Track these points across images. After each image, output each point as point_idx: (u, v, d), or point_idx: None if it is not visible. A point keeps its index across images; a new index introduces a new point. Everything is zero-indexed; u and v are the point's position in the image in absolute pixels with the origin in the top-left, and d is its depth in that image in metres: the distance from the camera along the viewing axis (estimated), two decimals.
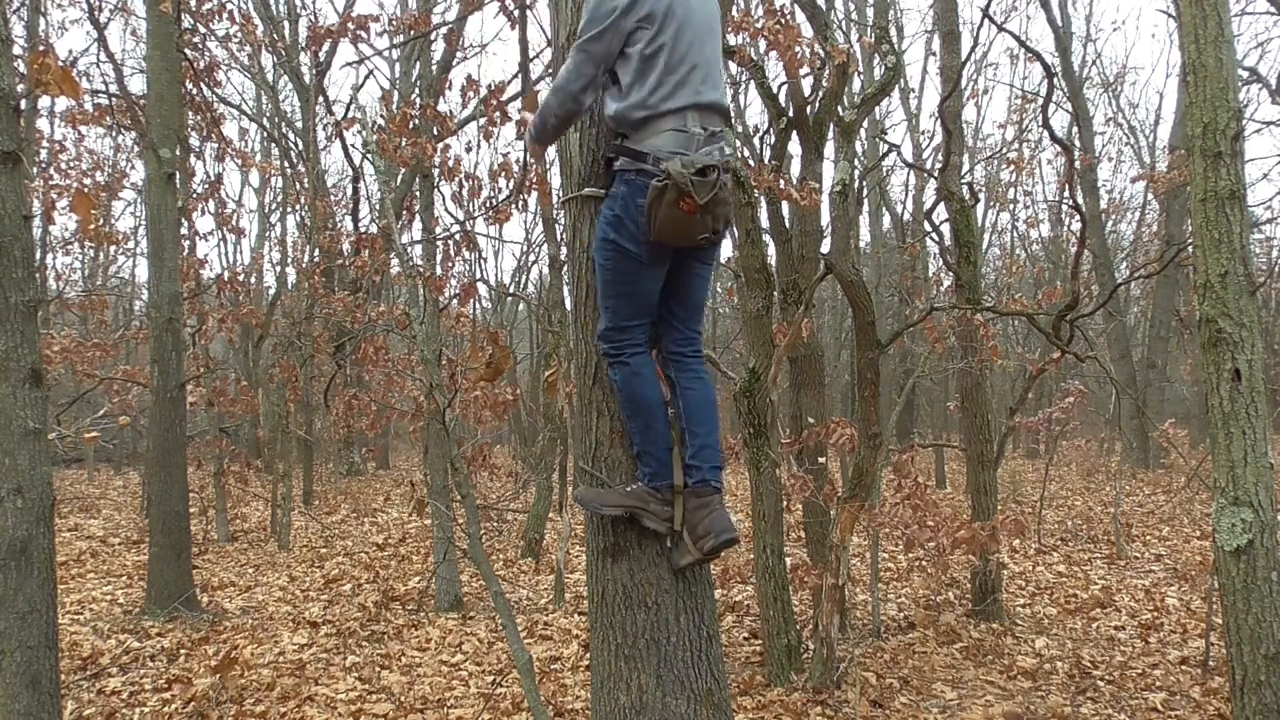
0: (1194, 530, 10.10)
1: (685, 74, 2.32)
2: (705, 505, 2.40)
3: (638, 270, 2.37)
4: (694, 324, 2.58)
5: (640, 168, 2.30)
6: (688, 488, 2.43)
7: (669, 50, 2.30)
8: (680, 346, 2.54)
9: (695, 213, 2.22)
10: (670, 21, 2.31)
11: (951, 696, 5.17)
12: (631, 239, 2.32)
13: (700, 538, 2.37)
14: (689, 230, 2.26)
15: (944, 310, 7.16)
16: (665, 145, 2.29)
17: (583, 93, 2.36)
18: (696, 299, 2.56)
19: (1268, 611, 3.03)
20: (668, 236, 2.28)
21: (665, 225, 2.25)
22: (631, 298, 2.39)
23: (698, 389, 2.51)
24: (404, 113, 5.74)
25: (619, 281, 2.38)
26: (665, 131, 2.30)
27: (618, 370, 2.41)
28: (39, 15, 10.90)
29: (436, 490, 7.27)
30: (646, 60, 2.30)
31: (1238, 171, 3.11)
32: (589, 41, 2.31)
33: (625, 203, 2.33)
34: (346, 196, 14.71)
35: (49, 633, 3.23)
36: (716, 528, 2.36)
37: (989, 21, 5.66)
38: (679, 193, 2.19)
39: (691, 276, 2.51)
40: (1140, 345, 18.73)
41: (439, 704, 5.09)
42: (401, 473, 17.55)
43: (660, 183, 2.21)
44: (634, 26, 2.29)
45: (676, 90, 2.31)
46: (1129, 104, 37.76)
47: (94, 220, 9.65)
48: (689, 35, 2.34)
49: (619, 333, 2.40)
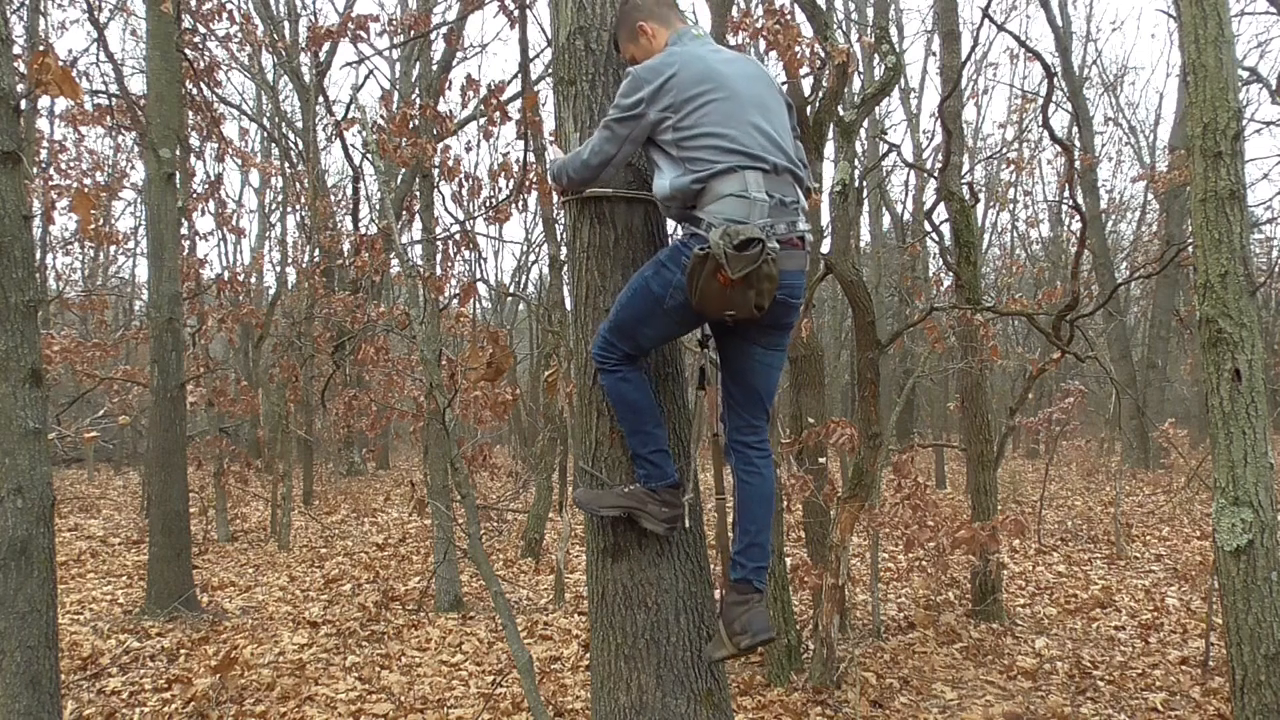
0: (1194, 530, 10.10)
1: (734, 138, 2.27)
2: (744, 603, 2.38)
3: (658, 317, 2.34)
4: (756, 412, 2.49)
5: (694, 232, 2.27)
6: (730, 582, 2.42)
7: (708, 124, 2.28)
8: (743, 435, 2.48)
9: (730, 286, 2.16)
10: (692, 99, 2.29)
11: (951, 696, 5.17)
12: (663, 287, 2.31)
13: (736, 634, 2.35)
14: (727, 303, 2.22)
15: (944, 310, 7.16)
16: (723, 211, 2.23)
17: (600, 168, 2.39)
18: (758, 385, 2.47)
19: (1268, 611, 3.03)
20: (707, 307, 2.25)
21: (704, 296, 2.21)
22: (637, 335, 2.38)
23: (755, 484, 2.46)
24: (404, 113, 5.75)
25: (635, 316, 2.36)
26: (725, 197, 2.25)
27: (605, 375, 2.41)
28: (39, 15, 10.90)
29: (436, 490, 7.27)
30: (682, 145, 2.29)
31: (1238, 171, 3.11)
32: (614, 123, 2.33)
33: (672, 254, 2.32)
34: (346, 196, 14.71)
35: (49, 633, 3.23)
36: (754, 628, 2.35)
37: (989, 21, 5.66)
38: (716, 264, 2.15)
39: (750, 360, 2.45)
40: (1140, 345, 18.73)
41: (439, 704, 5.09)
42: (401, 473, 17.55)
43: (701, 251, 2.17)
44: (659, 117, 2.29)
45: (725, 154, 2.27)
46: (1129, 104, 37.81)
47: (94, 220, 9.66)
48: (729, 106, 2.30)
49: (610, 347, 2.39)
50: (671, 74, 2.29)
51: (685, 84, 2.30)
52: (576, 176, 2.44)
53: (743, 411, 2.48)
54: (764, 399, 2.50)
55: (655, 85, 2.29)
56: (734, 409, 2.49)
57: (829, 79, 5.50)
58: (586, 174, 2.41)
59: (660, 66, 2.32)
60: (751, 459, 2.47)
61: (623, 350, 2.39)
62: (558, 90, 2.68)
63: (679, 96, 2.29)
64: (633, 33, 2.48)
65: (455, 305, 8.38)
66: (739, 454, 2.48)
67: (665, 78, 2.29)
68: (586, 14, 2.56)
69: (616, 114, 2.33)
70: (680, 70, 2.30)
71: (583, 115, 2.57)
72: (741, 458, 2.47)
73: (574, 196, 2.55)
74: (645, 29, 2.46)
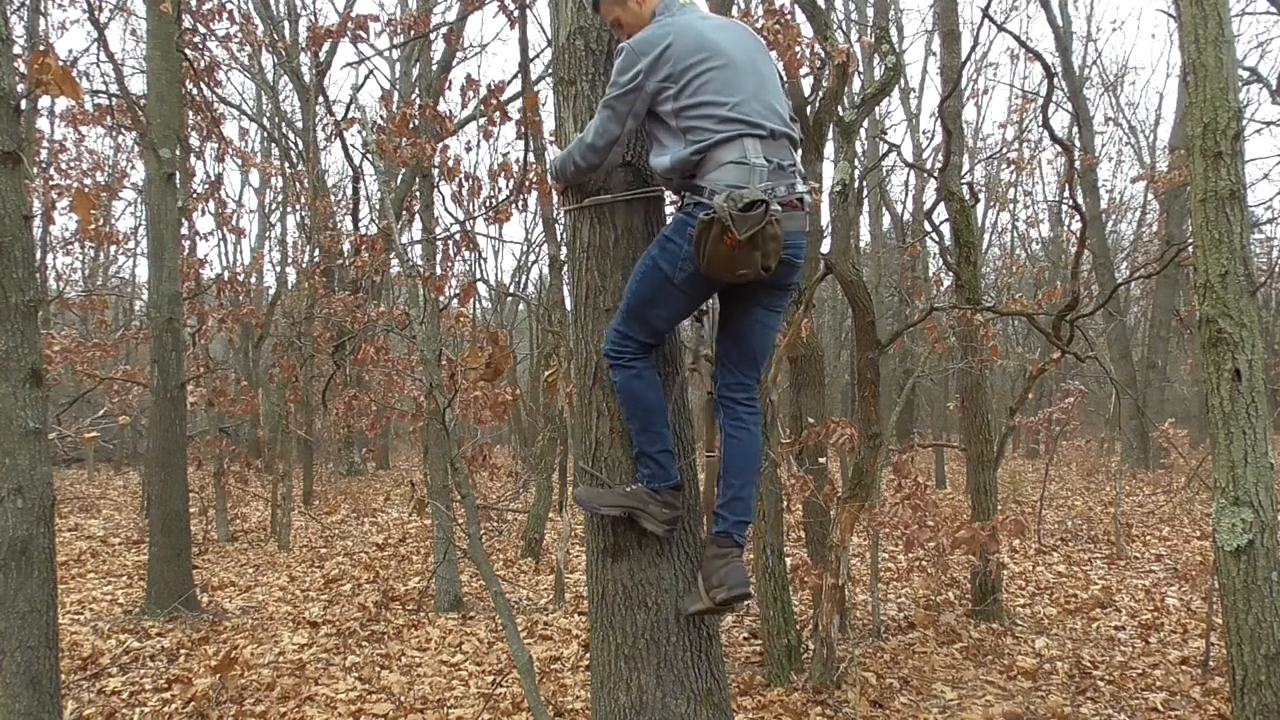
0: (1194, 530, 10.10)
1: (733, 105, 2.29)
2: (723, 556, 2.39)
3: (669, 294, 2.35)
4: (749, 370, 2.52)
5: (698, 200, 2.28)
6: (711, 535, 2.43)
7: (704, 92, 2.29)
8: (732, 392, 2.50)
9: (737, 247, 2.18)
10: (691, 68, 2.29)
11: (951, 696, 5.17)
12: (671, 262, 2.32)
13: (714, 587, 2.35)
14: (735, 265, 2.23)
15: (944, 310, 7.16)
16: (724, 178, 2.26)
17: (606, 149, 2.38)
18: (755, 344, 2.50)
19: (1268, 611, 3.03)
20: (716, 271, 2.25)
21: (712, 260, 2.22)
22: (650, 317, 2.38)
23: (742, 439, 2.47)
24: (404, 113, 5.75)
25: (646, 298, 2.37)
26: (726, 165, 2.27)
27: (618, 372, 2.41)
28: (39, 15, 10.91)
29: (436, 490, 7.27)
30: (681, 115, 2.30)
31: (1238, 171, 3.11)
32: (614, 100, 2.32)
33: (676, 227, 2.33)
34: (346, 196, 14.73)
35: (49, 633, 3.23)
36: (730, 581, 2.34)
37: (989, 21, 5.66)
38: (723, 227, 2.16)
39: (752, 321, 2.47)
40: (1140, 345, 18.73)
41: (439, 704, 5.09)
42: (401, 473, 17.55)
43: (706, 216, 2.19)
44: (657, 88, 2.30)
45: (724, 124, 2.29)
46: (1129, 104, 37.81)
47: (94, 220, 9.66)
48: (727, 74, 2.31)
49: (625, 339, 2.39)
50: (666, 44, 2.29)
51: (681, 54, 2.30)
52: (584, 162, 2.41)
53: (736, 369, 2.51)
54: (759, 358, 2.54)
55: (652, 57, 2.29)
56: (728, 366, 2.51)
57: (829, 79, 5.51)
58: (593, 157, 2.40)
59: (654, 38, 2.31)
60: (740, 414, 2.49)
61: (638, 340, 2.38)
62: (558, 90, 2.68)
63: (676, 67, 2.29)
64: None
65: (455, 305, 8.38)
66: (728, 409, 2.50)
67: (660, 49, 2.29)
68: (586, 14, 2.55)
69: (616, 91, 2.32)
70: (675, 40, 2.30)
71: (582, 115, 2.56)
72: (730, 413, 2.49)
73: (575, 205, 2.53)
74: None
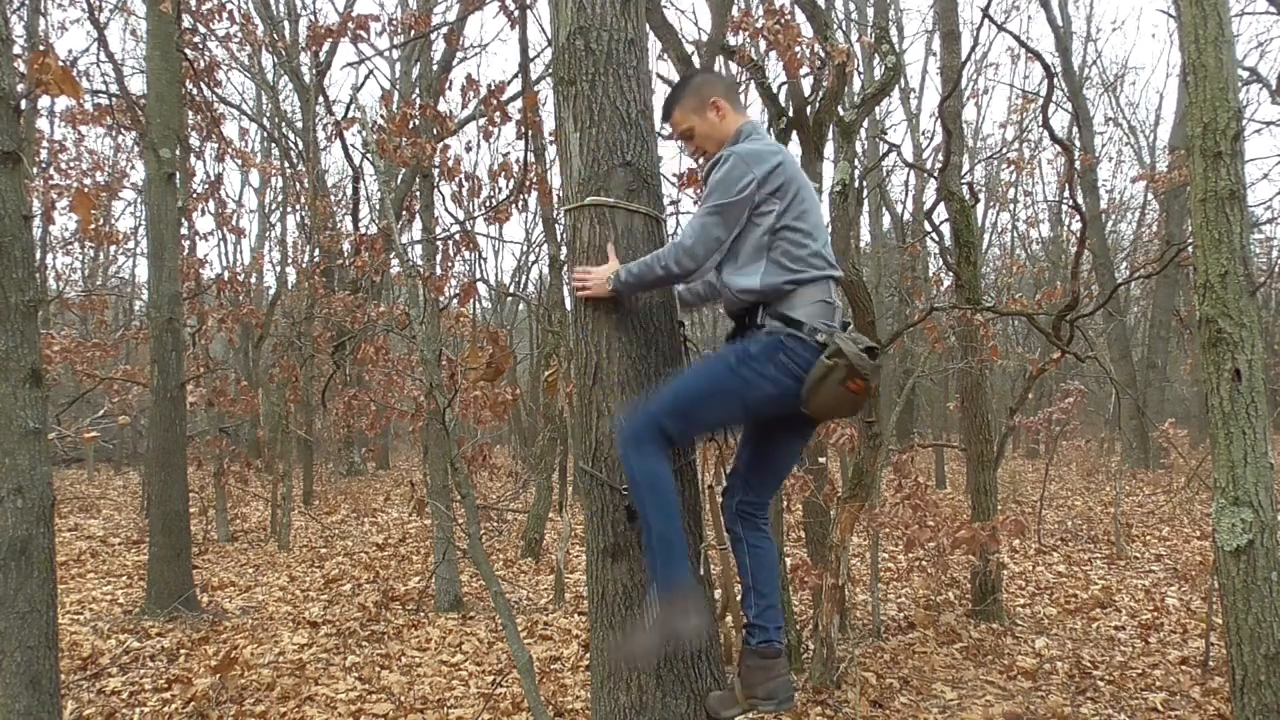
0: (1194, 530, 10.10)
1: (823, 244, 2.30)
2: (767, 668, 2.39)
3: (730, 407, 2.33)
4: (770, 491, 2.57)
5: (791, 332, 2.25)
6: (750, 647, 2.42)
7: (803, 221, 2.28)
8: (754, 510, 2.53)
9: (859, 393, 2.18)
10: (797, 193, 2.28)
11: (951, 696, 5.17)
12: (750, 381, 2.26)
13: (759, 699, 2.35)
14: (842, 407, 2.24)
15: (944, 310, 7.16)
16: (816, 315, 2.25)
17: (706, 256, 2.32)
18: (783, 467, 2.56)
19: (1268, 611, 3.03)
20: (822, 411, 2.25)
21: (825, 401, 2.20)
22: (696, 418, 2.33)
23: (765, 549, 2.51)
24: (404, 113, 5.75)
25: (703, 400, 2.32)
26: (816, 303, 2.27)
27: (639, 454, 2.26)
28: (39, 15, 10.91)
29: (436, 490, 7.27)
30: (777, 235, 2.28)
31: (1238, 171, 3.11)
32: (722, 206, 2.27)
33: (766, 350, 2.27)
34: (346, 196, 14.71)
35: (49, 633, 3.23)
36: (780, 695, 2.35)
37: (989, 21, 5.66)
38: (849, 373, 2.15)
39: (784, 449, 2.51)
40: (1140, 345, 18.73)
41: (439, 704, 5.09)
42: (401, 473, 17.55)
43: (830, 359, 2.17)
44: (763, 201, 2.28)
45: (815, 259, 2.29)
46: (1129, 104, 37.80)
47: (94, 220, 9.66)
48: (815, 213, 2.32)
49: (659, 430, 2.27)
50: (779, 162, 2.28)
51: (791, 176, 2.28)
52: (678, 269, 2.30)
53: (760, 489, 2.53)
54: (783, 478, 2.60)
55: (765, 170, 2.27)
56: (751, 484, 2.52)
57: (829, 79, 5.50)
58: (689, 263, 2.30)
59: (765, 153, 2.29)
60: (759, 525, 2.53)
61: (670, 434, 2.29)
62: (558, 90, 2.68)
63: (786, 188, 2.27)
64: (703, 104, 2.45)
65: (455, 305, 8.37)
66: (746, 520, 2.51)
67: (772, 165, 2.27)
68: (586, 14, 2.55)
69: (725, 199, 2.27)
70: (786, 162, 2.30)
71: (583, 115, 2.56)
72: (749, 524, 2.51)
73: (575, 205, 2.53)
74: (720, 105, 2.45)
